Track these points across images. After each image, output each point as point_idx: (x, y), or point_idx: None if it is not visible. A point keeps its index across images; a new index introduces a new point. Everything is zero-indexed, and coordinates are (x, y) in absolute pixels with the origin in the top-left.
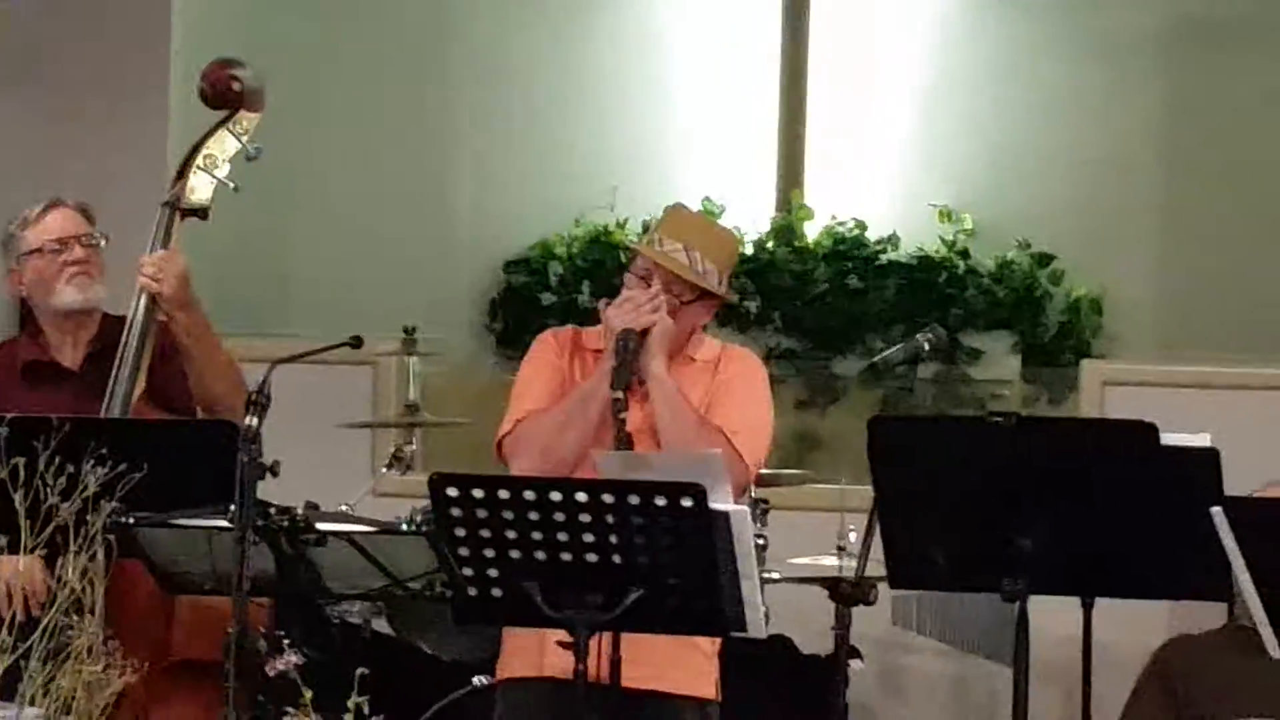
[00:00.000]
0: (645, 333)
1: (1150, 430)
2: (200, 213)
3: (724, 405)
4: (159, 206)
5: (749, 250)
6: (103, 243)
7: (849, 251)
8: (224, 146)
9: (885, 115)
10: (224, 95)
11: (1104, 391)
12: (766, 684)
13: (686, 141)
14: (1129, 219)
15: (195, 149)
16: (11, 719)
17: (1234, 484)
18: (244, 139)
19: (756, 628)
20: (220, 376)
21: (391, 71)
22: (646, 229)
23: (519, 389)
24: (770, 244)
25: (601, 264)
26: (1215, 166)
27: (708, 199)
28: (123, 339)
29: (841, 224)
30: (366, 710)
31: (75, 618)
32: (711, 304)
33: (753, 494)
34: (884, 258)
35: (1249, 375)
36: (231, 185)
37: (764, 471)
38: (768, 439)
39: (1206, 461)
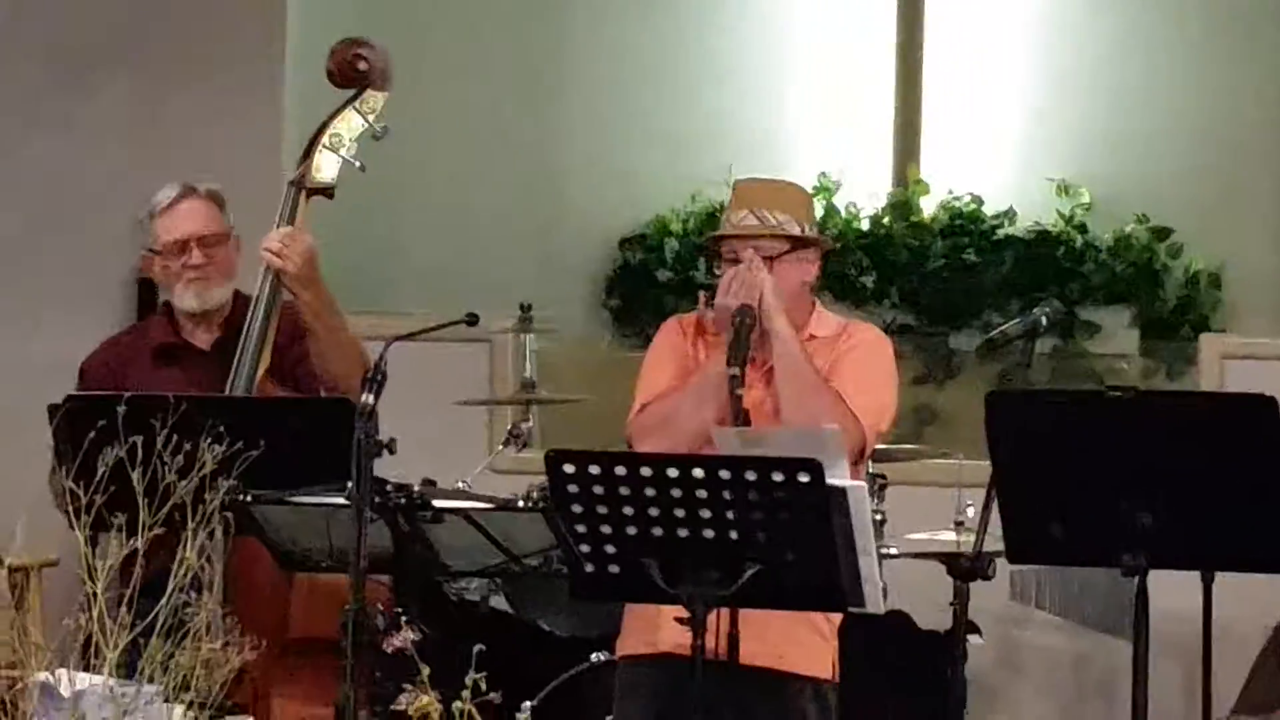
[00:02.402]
0: (754, 305)
1: (1270, 404)
2: (326, 192)
3: (843, 373)
4: (286, 185)
5: (865, 225)
6: (231, 236)
7: (965, 226)
8: (350, 126)
9: (1001, 89)
10: (351, 74)
11: (1223, 365)
12: (884, 660)
13: (802, 117)
14: (1247, 192)
15: (322, 128)
16: (130, 696)
17: None
18: (370, 118)
19: (874, 603)
20: (344, 356)
21: (505, 47)
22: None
23: (643, 376)
24: (886, 219)
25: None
26: None
27: (824, 174)
28: (248, 317)
29: (957, 199)
30: (484, 687)
31: (194, 595)
32: (809, 254)
33: (870, 469)
34: (1000, 232)
35: None
36: (358, 164)
37: (881, 447)
38: (889, 409)
39: None
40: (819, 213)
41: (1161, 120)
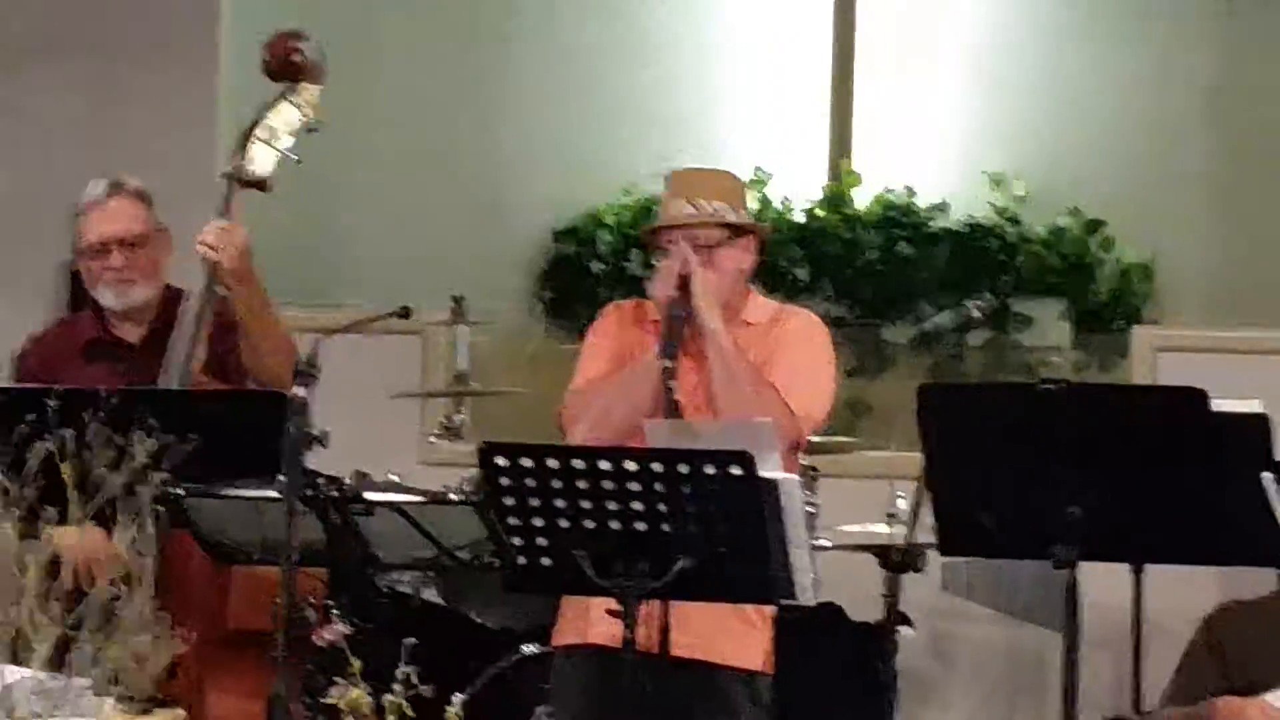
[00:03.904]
0: (689, 297)
1: (1200, 396)
2: (260, 184)
3: (778, 362)
4: (220, 178)
5: (799, 219)
6: (155, 236)
7: (899, 219)
8: (285, 119)
9: (934, 83)
10: (286, 67)
11: (1155, 358)
12: (816, 652)
13: (736, 110)
14: (1180, 185)
15: (256, 121)
16: (60, 689)
17: None
18: (305, 111)
19: (806, 595)
20: (275, 350)
21: (440, 41)
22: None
23: (581, 360)
24: (820, 212)
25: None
26: (1267, 131)
27: (759, 169)
28: (181, 310)
29: (891, 192)
30: (416, 680)
31: (125, 589)
32: (746, 242)
33: (802, 461)
34: (934, 225)
35: None
36: (294, 158)
37: (813, 439)
38: (825, 396)
39: (1257, 427)
40: (753, 206)
41: (1093, 113)
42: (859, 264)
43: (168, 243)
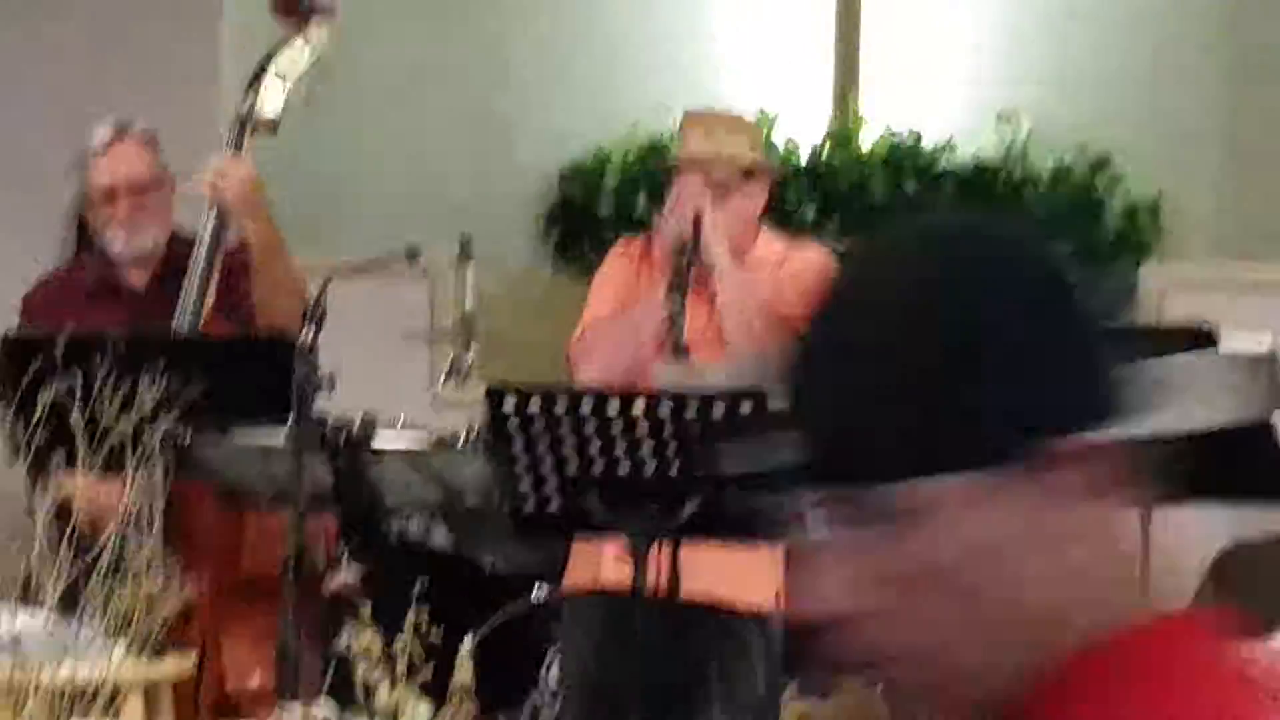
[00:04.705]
0: (699, 234)
1: (1209, 335)
2: (270, 127)
3: (788, 299)
4: (231, 121)
5: (805, 158)
6: (163, 180)
7: (905, 158)
8: (296, 58)
9: (939, 21)
10: (295, 6)
11: (1163, 297)
12: None
13: (741, 50)
14: (1186, 122)
15: (265, 61)
16: (70, 635)
17: None
18: (316, 49)
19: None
20: (290, 291)
21: None
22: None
23: (590, 298)
24: (826, 153)
25: (657, 173)
26: (1276, 67)
27: (763, 110)
28: (193, 255)
29: (897, 131)
30: (425, 624)
31: (135, 534)
32: (757, 184)
33: None
34: (940, 164)
35: None
36: (303, 98)
37: None
38: None
39: (1267, 366)
40: None
41: (1099, 49)
42: (865, 204)
43: (174, 185)
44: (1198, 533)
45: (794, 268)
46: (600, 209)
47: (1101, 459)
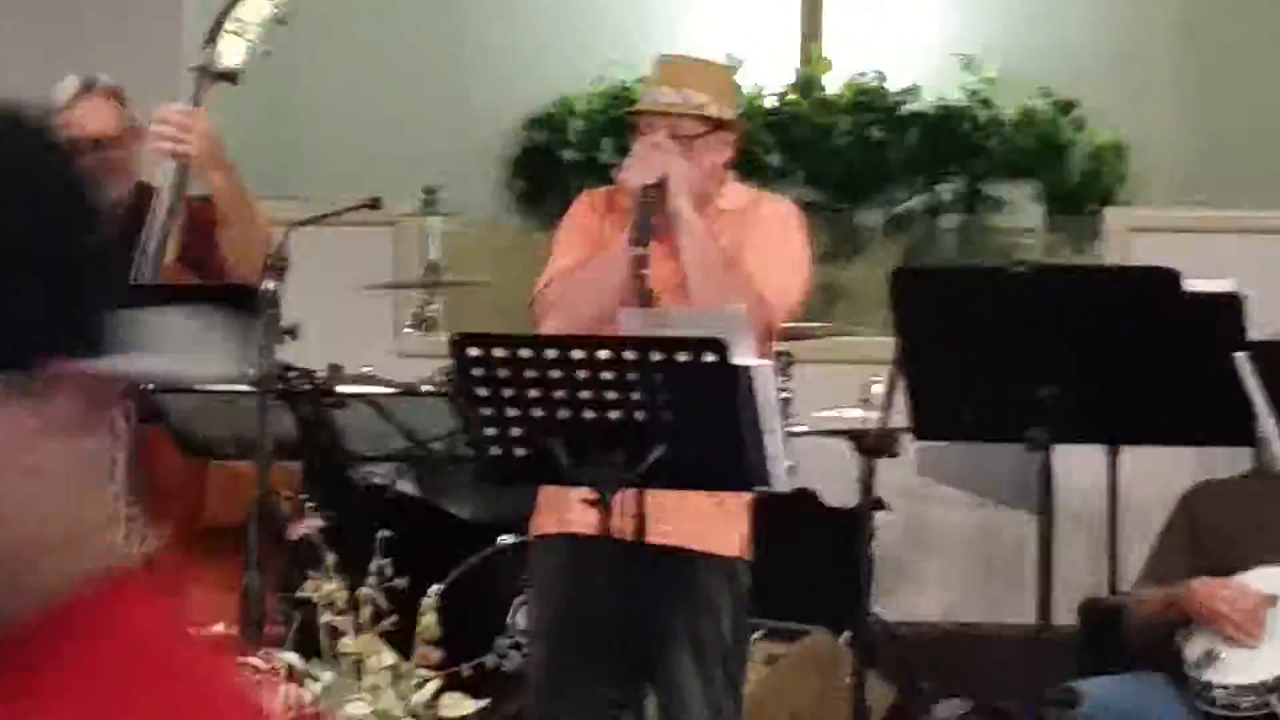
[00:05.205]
0: (663, 185)
1: (1172, 277)
2: (230, 77)
3: (753, 247)
4: (189, 71)
5: (770, 103)
6: (128, 134)
7: (870, 103)
8: (254, 9)
9: None
10: None
11: (1128, 239)
12: (792, 537)
13: None
14: (1150, 64)
15: (225, 12)
16: None
17: (1261, 329)
18: (274, 2)
19: (780, 482)
20: (258, 240)
21: None
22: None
23: (554, 249)
24: (791, 97)
25: (622, 121)
26: (1238, 10)
27: (730, 55)
28: (152, 206)
29: (862, 75)
30: (390, 572)
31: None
32: (725, 136)
33: (776, 347)
34: (905, 108)
35: (1276, 219)
36: (265, 49)
37: (787, 325)
38: (800, 283)
39: (1229, 306)
40: None
41: None
42: (830, 149)
43: (140, 137)
44: (1164, 472)
45: (759, 217)
46: (565, 156)
47: (88, 391)
